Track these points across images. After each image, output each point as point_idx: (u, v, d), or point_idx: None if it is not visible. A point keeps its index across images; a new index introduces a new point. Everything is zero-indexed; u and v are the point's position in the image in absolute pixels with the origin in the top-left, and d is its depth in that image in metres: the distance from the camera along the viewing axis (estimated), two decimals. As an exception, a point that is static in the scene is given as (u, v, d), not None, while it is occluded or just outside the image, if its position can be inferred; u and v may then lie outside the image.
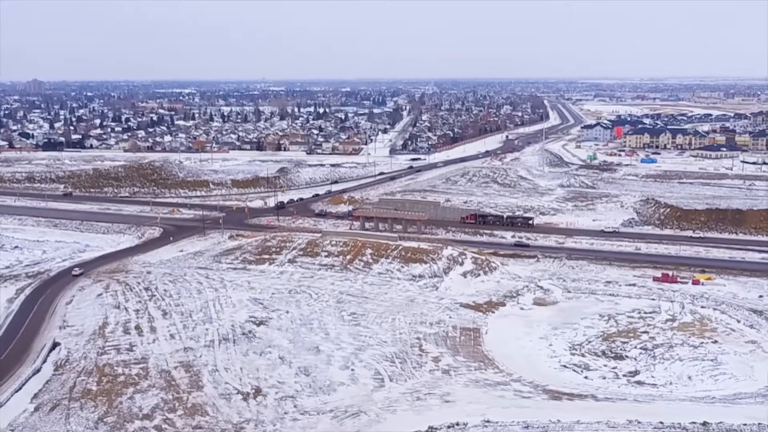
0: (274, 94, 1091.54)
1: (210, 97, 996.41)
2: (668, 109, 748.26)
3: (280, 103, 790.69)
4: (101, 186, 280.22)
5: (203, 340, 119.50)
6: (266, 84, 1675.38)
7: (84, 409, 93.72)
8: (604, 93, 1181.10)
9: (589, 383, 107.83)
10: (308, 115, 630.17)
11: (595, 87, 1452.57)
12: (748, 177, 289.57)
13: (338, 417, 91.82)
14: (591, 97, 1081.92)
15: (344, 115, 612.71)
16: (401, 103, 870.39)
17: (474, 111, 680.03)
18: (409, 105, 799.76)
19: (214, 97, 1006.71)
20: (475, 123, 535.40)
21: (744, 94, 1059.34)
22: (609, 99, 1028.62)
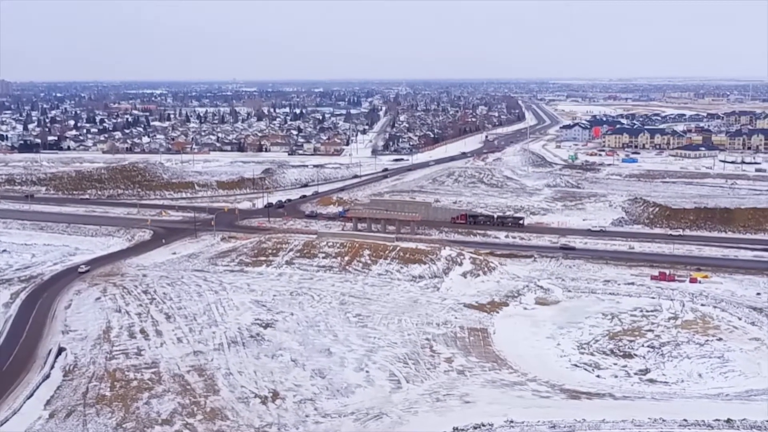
0: (247, 95, 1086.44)
1: (183, 98, 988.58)
2: (640, 109, 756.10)
3: (255, 104, 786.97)
4: (84, 188, 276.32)
5: (212, 343, 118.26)
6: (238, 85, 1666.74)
7: (101, 415, 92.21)
8: (576, 93, 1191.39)
9: (603, 382, 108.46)
10: (285, 116, 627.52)
11: (566, 87, 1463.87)
12: (730, 176, 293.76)
13: (360, 419, 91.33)
14: (564, 97, 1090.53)
15: (321, 116, 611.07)
16: (376, 103, 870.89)
17: (450, 111, 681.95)
18: (385, 105, 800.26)
19: (187, 97, 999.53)
20: (454, 123, 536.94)
21: (713, 95, 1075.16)
22: (581, 99, 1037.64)
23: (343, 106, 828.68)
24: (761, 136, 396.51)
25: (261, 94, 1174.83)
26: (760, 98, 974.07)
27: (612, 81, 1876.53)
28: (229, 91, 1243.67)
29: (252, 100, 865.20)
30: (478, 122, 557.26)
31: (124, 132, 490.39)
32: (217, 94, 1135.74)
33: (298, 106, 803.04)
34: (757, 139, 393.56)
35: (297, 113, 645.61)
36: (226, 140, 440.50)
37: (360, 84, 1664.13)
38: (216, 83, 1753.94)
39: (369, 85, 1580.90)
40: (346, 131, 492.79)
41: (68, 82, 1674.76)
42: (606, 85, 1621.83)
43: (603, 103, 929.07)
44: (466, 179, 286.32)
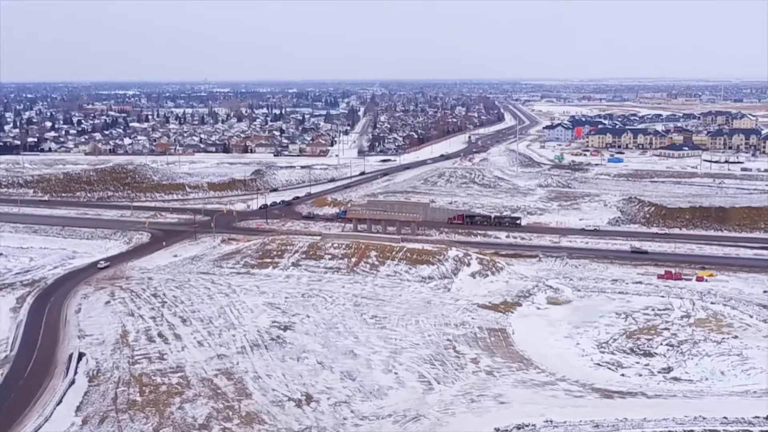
0: (223, 96, 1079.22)
1: (158, 99, 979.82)
2: (616, 110, 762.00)
3: (233, 105, 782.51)
4: (73, 190, 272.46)
5: (234, 346, 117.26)
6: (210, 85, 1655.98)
7: (135, 420, 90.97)
8: (551, 94, 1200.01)
9: (628, 381, 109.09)
10: (265, 117, 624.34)
11: (539, 88, 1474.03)
12: (717, 175, 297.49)
13: (399, 421, 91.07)
14: (538, 97, 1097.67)
15: (302, 117, 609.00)
16: (353, 104, 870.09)
17: (429, 112, 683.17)
18: (363, 106, 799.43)
19: (161, 98, 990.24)
20: (435, 124, 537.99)
21: (685, 95, 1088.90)
22: (556, 100, 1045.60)
23: (321, 106, 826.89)
24: (741, 135, 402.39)
25: (236, 94, 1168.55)
26: (731, 98, 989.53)
27: (583, 81, 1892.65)
28: (203, 92, 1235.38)
29: (228, 101, 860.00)
30: (460, 123, 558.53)
31: (104, 133, 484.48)
32: (192, 94, 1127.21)
33: (276, 107, 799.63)
34: (738, 138, 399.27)
35: (277, 114, 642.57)
36: (209, 141, 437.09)
37: (334, 85, 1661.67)
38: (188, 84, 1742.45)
39: (343, 86, 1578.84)
40: (329, 132, 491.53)
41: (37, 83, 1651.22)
42: (578, 85, 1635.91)
43: (578, 104, 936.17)
44: (458, 180, 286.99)
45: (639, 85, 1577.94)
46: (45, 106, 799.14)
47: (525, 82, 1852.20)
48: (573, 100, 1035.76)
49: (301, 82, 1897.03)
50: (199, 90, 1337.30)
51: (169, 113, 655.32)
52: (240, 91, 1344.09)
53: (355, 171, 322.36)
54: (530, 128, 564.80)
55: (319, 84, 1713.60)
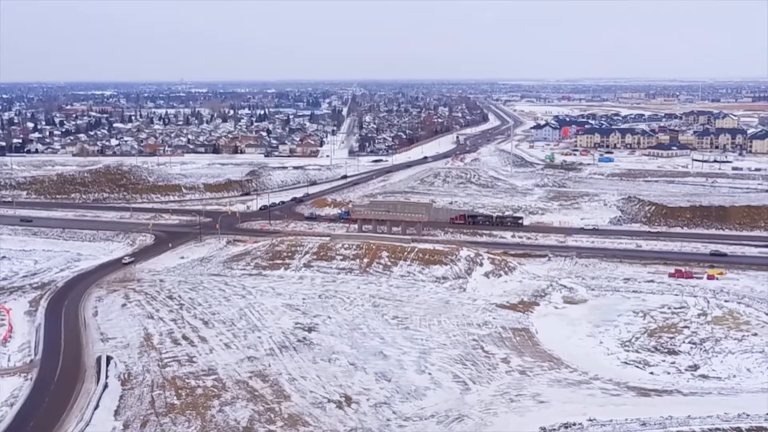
0: (203, 96, 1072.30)
1: (137, 99, 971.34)
2: (596, 110, 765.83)
3: (214, 105, 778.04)
4: (67, 192, 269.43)
5: (262, 348, 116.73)
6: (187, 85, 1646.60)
7: (177, 424, 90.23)
8: (530, 94, 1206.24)
9: (658, 379, 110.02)
10: (249, 117, 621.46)
11: (517, 88, 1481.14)
12: (710, 175, 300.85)
13: (443, 422, 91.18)
14: (518, 98, 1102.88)
15: (287, 117, 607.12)
16: (335, 104, 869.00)
17: (413, 112, 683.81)
18: (345, 106, 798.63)
19: (141, 99, 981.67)
20: (422, 124, 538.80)
21: (663, 95, 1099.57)
22: (536, 100, 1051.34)
23: (303, 106, 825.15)
24: (728, 135, 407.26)
25: (215, 95, 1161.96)
26: (708, 98, 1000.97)
27: (560, 82, 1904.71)
28: (181, 92, 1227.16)
29: (210, 102, 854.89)
30: (446, 123, 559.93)
31: (89, 134, 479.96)
32: (171, 95, 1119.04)
33: (258, 107, 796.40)
34: (724, 138, 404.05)
35: (261, 114, 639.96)
36: (198, 142, 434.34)
37: (312, 85, 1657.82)
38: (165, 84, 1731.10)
39: (321, 86, 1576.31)
40: (316, 132, 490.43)
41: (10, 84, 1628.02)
42: (556, 85, 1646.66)
43: (558, 104, 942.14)
44: (455, 180, 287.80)
45: (616, 85, 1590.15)
46: (23, 106, 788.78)
47: (502, 82, 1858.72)
48: (553, 100, 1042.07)
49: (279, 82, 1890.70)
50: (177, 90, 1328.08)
51: (152, 114, 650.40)
52: (218, 91, 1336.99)
53: (350, 171, 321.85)
54: (516, 128, 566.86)
55: (297, 84, 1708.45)
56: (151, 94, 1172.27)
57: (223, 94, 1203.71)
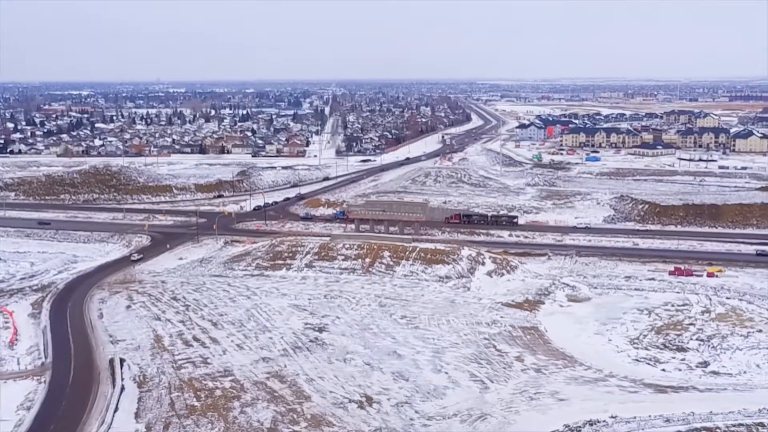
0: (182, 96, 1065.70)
1: (115, 99, 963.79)
2: (577, 109, 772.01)
3: (195, 105, 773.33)
4: (57, 193, 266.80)
5: (275, 349, 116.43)
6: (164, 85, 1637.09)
7: (200, 425, 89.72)
8: (510, 93, 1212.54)
9: (670, 375, 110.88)
10: (232, 117, 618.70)
11: (496, 87, 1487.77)
12: (697, 173, 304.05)
13: (466, 421, 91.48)
14: (498, 97, 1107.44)
15: (270, 117, 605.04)
16: (317, 103, 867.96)
17: (395, 112, 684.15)
18: (326, 106, 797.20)
19: (120, 98, 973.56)
20: (407, 124, 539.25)
21: (641, 94, 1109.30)
22: (516, 99, 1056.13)
23: (285, 106, 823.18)
24: (711, 134, 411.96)
25: (194, 94, 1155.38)
26: (686, 98, 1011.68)
27: (538, 81, 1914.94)
28: (160, 92, 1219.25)
29: (190, 101, 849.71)
30: (430, 123, 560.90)
31: (71, 135, 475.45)
32: (150, 95, 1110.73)
33: (240, 107, 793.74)
34: (708, 137, 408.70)
35: (243, 114, 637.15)
36: (183, 142, 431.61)
37: (290, 85, 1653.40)
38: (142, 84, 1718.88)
39: (300, 86, 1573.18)
40: (301, 132, 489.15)
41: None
42: (534, 85, 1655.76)
43: (538, 103, 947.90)
44: (446, 179, 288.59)
45: (593, 84, 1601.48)
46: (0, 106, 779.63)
47: (481, 82, 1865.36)
48: (533, 99, 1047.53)
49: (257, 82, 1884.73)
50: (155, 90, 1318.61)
51: (133, 114, 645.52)
52: (196, 91, 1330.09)
53: (339, 171, 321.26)
54: (499, 128, 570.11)
55: (276, 84, 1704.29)
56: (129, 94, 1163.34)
57: (202, 93, 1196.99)
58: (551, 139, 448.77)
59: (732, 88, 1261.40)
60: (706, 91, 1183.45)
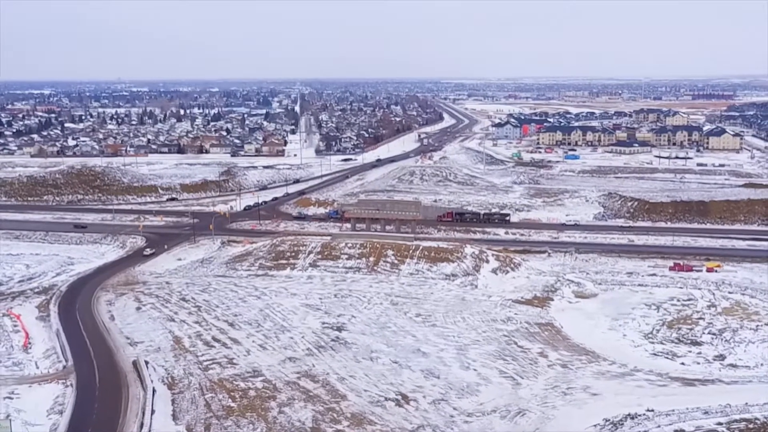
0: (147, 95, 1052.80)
1: (80, 99, 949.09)
2: (545, 108, 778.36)
3: (163, 105, 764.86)
4: (39, 194, 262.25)
5: (299, 349, 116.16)
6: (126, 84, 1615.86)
7: (241, 426, 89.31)
8: (477, 92, 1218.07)
9: (690, 369, 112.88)
10: (204, 117, 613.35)
11: (461, 87, 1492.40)
12: (677, 171, 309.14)
13: (506, 417, 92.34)
14: (465, 96, 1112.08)
15: (242, 116, 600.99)
16: (286, 103, 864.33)
17: (366, 111, 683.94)
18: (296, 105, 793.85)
19: (84, 98, 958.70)
20: (381, 123, 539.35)
21: (605, 93, 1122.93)
22: (483, 98, 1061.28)
23: (254, 106, 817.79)
24: (684, 132, 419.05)
25: (158, 94, 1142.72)
26: (650, 96, 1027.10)
27: (501, 80, 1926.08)
28: (123, 91, 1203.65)
29: (158, 101, 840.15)
30: (404, 121, 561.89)
31: (42, 135, 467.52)
32: (114, 94, 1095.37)
33: (208, 107, 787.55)
34: (681, 135, 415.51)
35: (215, 114, 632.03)
36: (159, 142, 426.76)
37: (255, 84, 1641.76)
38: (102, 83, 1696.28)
39: (265, 85, 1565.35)
40: (276, 131, 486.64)
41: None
42: (499, 84, 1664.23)
43: (505, 102, 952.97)
44: (432, 178, 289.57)
45: (557, 84, 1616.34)
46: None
47: (445, 81, 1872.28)
48: (500, 98, 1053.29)
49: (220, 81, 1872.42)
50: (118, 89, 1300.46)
51: (102, 113, 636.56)
52: (160, 90, 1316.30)
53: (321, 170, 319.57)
54: (472, 126, 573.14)
55: (240, 83, 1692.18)
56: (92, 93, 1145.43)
57: (166, 93, 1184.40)
58: (527, 138, 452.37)
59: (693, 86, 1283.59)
60: (668, 90, 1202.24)
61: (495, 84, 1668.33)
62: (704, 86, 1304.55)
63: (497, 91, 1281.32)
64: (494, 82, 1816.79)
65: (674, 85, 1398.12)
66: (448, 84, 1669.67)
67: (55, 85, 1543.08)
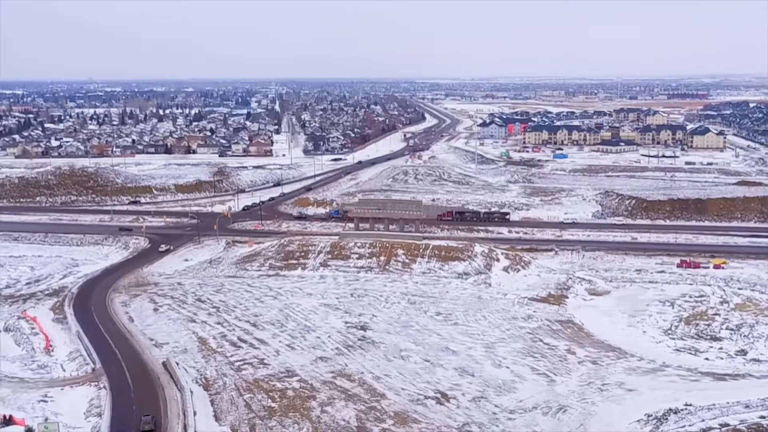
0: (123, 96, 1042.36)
1: (55, 99, 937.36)
2: (523, 107, 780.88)
3: (142, 104, 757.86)
4: (32, 195, 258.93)
5: (328, 348, 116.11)
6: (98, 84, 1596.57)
7: (286, 426, 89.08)
8: (454, 92, 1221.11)
9: (715, 363, 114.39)
10: (185, 117, 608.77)
11: (436, 86, 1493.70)
12: (667, 169, 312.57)
13: (548, 414, 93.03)
14: (443, 96, 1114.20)
15: (223, 116, 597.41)
16: (265, 102, 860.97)
17: (347, 111, 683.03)
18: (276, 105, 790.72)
19: (59, 98, 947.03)
20: (365, 122, 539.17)
21: (581, 93, 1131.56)
22: (461, 98, 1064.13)
23: (233, 105, 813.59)
24: (669, 131, 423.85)
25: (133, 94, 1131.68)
26: (626, 96, 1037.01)
27: (475, 80, 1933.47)
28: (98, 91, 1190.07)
29: (136, 101, 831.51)
30: (388, 121, 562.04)
31: (23, 135, 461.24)
32: (89, 94, 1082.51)
33: (187, 106, 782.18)
34: (665, 134, 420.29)
35: (196, 114, 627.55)
36: (144, 142, 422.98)
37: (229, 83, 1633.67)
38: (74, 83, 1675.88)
39: (240, 85, 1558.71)
40: (261, 131, 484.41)
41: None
42: (474, 84, 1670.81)
43: (484, 102, 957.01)
44: (427, 177, 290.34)
45: (531, 83, 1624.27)
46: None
47: (420, 80, 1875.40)
48: (477, 98, 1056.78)
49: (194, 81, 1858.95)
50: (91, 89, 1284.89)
51: (82, 114, 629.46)
52: (134, 90, 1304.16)
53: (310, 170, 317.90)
54: (455, 126, 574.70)
55: (214, 83, 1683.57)
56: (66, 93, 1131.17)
57: (141, 93, 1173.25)
58: (512, 137, 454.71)
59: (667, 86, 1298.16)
60: (642, 89, 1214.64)
61: (470, 84, 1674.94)
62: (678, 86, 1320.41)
63: (474, 90, 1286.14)
64: (469, 82, 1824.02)
65: (647, 84, 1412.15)
66: (423, 84, 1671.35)
67: (25, 85, 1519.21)
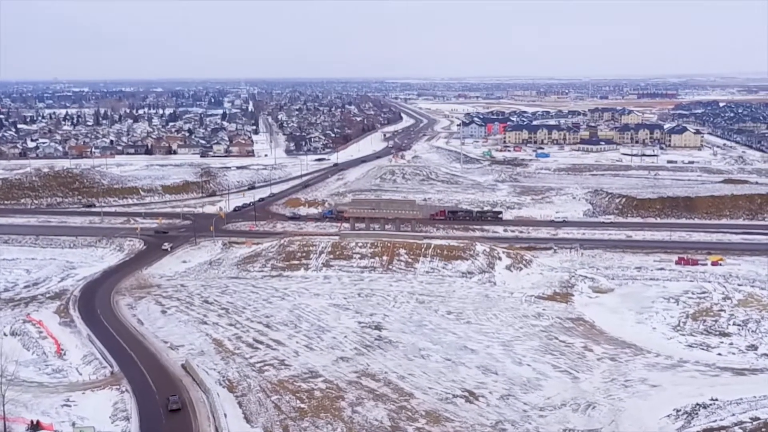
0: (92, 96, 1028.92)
1: (22, 99, 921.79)
2: (496, 107, 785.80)
3: (114, 105, 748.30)
4: (16, 197, 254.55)
5: (347, 348, 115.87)
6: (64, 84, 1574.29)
7: (319, 427, 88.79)
8: (427, 92, 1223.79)
9: (727, 359, 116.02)
10: (161, 117, 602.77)
11: (407, 86, 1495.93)
12: (651, 168, 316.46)
13: (577, 411, 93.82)
14: (415, 96, 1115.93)
15: (198, 117, 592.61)
16: (238, 102, 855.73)
17: (323, 110, 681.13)
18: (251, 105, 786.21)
19: (29, 99, 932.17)
20: (345, 122, 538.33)
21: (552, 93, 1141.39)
22: (434, 98, 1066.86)
23: (206, 106, 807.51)
24: (647, 130, 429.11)
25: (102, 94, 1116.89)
26: (596, 95, 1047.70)
27: (445, 80, 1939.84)
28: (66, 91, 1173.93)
29: (107, 101, 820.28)
30: (366, 121, 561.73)
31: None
32: (57, 94, 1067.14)
33: (158, 107, 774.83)
34: (644, 133, 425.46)
35: (171, 114, 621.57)
36: (123, 143, 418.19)
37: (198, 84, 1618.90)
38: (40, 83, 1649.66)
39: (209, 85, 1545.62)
40: (239, 132, 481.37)
41: None
42: (445, 84, 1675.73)
43: (456, 102, 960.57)
44: (414, 177, 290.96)
45: (502, 83, 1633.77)
46: None
47: (390, 80, 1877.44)
48: (450, 98, 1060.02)
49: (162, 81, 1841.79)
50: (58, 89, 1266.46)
51: (53, 114, 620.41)
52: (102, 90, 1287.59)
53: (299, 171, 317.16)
54: (433, 126, 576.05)
55: (183, 83, 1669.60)
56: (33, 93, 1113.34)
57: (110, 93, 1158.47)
58: (492, 136, 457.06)
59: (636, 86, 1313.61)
60: (612, 89, 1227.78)
61: (441, 84, 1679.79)
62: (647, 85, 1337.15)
63: (445, 90, 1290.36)
64: (439, 81, 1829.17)
65: (616, 84, 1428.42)
66: (394, 84, 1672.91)
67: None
